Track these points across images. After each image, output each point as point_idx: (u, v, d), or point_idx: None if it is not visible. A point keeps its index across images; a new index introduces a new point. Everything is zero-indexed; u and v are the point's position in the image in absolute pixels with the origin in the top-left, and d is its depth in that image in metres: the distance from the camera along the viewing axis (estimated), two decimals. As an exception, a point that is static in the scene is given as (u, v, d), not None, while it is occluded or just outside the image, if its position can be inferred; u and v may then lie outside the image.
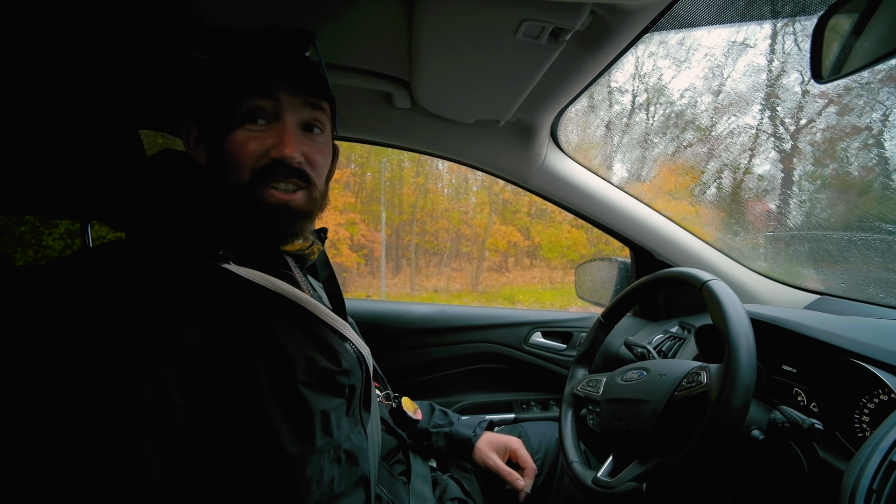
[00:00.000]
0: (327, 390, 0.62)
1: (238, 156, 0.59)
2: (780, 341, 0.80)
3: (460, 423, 1.00)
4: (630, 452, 0.70)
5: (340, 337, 0.67)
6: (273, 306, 0.60)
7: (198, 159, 0.65)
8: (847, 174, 2.83)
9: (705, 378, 0.63)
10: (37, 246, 3.46)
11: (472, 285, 7.55)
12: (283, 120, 0.60)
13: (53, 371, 0.46)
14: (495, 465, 0.93)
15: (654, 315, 1.32)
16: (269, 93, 0.59)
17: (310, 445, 0.58)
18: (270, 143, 0.59)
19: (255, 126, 0.60)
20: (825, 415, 0.69)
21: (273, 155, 0.59)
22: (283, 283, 0.61)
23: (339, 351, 0.65)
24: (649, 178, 5.12)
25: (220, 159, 0.61)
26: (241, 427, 0.53)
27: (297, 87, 0.62)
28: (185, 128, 0.65)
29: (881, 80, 2.31)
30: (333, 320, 0.66)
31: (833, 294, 1.07)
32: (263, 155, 0.59)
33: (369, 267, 7.13)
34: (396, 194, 7.29)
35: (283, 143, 0.59)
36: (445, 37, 0.69)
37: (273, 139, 0.60)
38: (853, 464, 0.48)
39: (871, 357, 0.65)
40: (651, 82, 5.88)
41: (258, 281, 0.59)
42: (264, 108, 0.60)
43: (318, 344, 0.63)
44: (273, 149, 0.59)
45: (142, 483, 0.46)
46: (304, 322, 0.63)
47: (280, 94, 0.60)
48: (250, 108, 0.59)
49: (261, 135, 0.60)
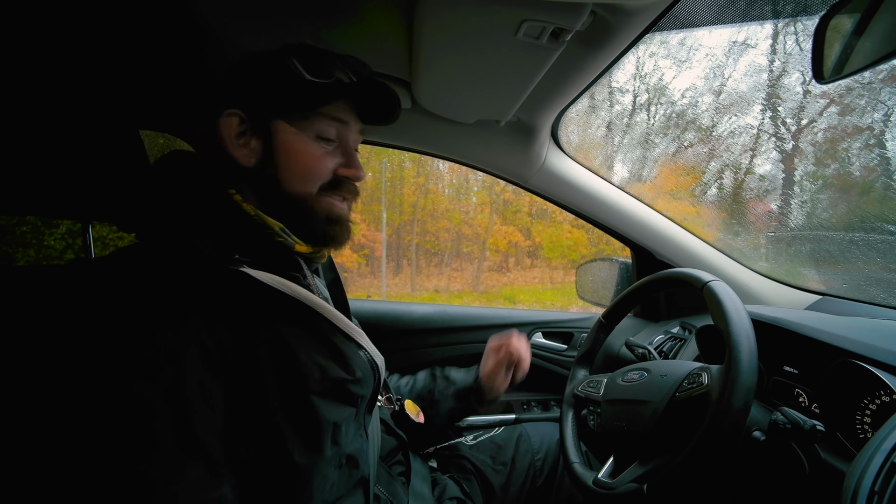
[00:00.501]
0: (339, 400, 0.61)
1: (312, 170, 0.63)
2: (782, 342, 0.80)
3: (460, 378, 0.99)
4: (631, 453, 0.70)
5: (355, 345, 0.66)
6: (287, 311, 0.59)
7: (238, 155, 0.61)
8: (848, 174, 2.82)
9: (706, 379, 0.63)
10: (38, 246, 3.47)
11: (473, 285, 7.55)
12: (349, 140, 0.67)
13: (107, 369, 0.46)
14: (493, 369, 0.95)
15: (655, 315, 1.31)
16: (351, 119, 0.67)
17: (318, 455, 0.57)
18: (339, 161, 0.65)
19: (328, 144, 0.65)
20: (826, 416, 0.68)
21: (342, 173, 0.65)
22: (300, 289, 0.60)
23: (352, 359, 0.64)
24: (650, 178, 5.12)
25: (278, 165, 0.62)
26: (250, 434, 0.53)
27: (373, 122, 0.71)
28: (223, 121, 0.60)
29: (883, 80, 2.31)
30: (348, 327, 0.65)
31: (835, 295, 1.06)
32: (332, 171, 0.65)
33: (370, 267, 7.13)
34: (397, 194, 7.29)
35: (353, 164, 0.66)
36: (446, 37, 0.69)
37: (342, 158, 0.66)
38: (855, 465, 0.47)
39: (872, 358, 0.64)
40: (652, 82, 5.88)
41: (276, 286, 0.58)
42: (338, 129, 0.66)
43: (332, 352, 0.62)
44: (342, 167, 0.65)
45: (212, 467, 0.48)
46: (319, 328, 0.62)
47: (351, 117, 0.67)
48: (328, 128, 0.64)
49: (332, 151, 0.65)
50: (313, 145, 0.63)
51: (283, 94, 0.61)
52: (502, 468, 0.97)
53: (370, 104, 0.69)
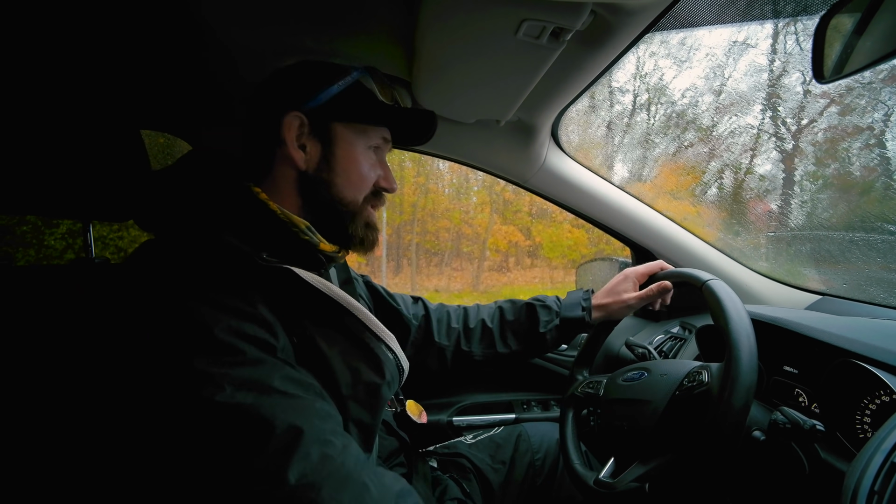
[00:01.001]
0: (367, 403, 0.61)
1: (363, 180, 0.68)
2: (782, 342, 0.80)
3: (564, 308, 0.96)
4: (632, 453, 0.70)
5: (385, 346, 0.66)
6: (318, 309, 0.59)
7: (295, 157, 0.63)
8: (849, 174, 2.82)
9: (707, 377, 0.63)
10: (38, 246, 3.48)
11: (473, 285, 7.55)
12: (384, 155, 0.73)
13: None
14: (637, 300, 0.92)
15: (655, 315, 1.31)
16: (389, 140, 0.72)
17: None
18: (380, 173, 0.70)
19: (375, 157, 0.70)
20: (826, 416, 0.68)
21: (381, 184, 0.70)
22: (335, 288, 0.61)
23: (382, 361, 0.64)
24: (650, 178, 5.12)
25: (333, 170, 0.65)
26: None
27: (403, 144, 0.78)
28: (285, 121, 0.62)
29: (883, 80, 2.30)
30: (380, 329, 0.65)
31: (835, 294, 1.06)
32: (374, 181, 0.69)
33: (370, 266, 7.14)
34: (397, 194, 7.26)
35: (390, 178, 0.72)
36: (446, 37, 0.69)
37: (381, 170, 0.70)
38: (855, 465, 0.47)
39: (872, 358, 0.64)
40: (652, 82, 5.88)
41: (314, 283, 0.58)
42: (381, 145, 0.71)
43: (365, 354, 0.62)
44: (382, 179, 0.70)
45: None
46: (350, 329, 0.62)
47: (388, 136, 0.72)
48: (382, 144, 0.71)
49: (375, 165, 0.70)
50: (366, 156, 0.68)
51: (354, 106, 0.66)
52: (501, 467, 0.97)
53: (413, 131, 0.75)
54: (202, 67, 0.90)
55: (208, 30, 0.78)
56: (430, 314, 0.97)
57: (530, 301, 0.98)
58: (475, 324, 0.97)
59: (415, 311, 0.98)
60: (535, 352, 0.97)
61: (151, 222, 0.64)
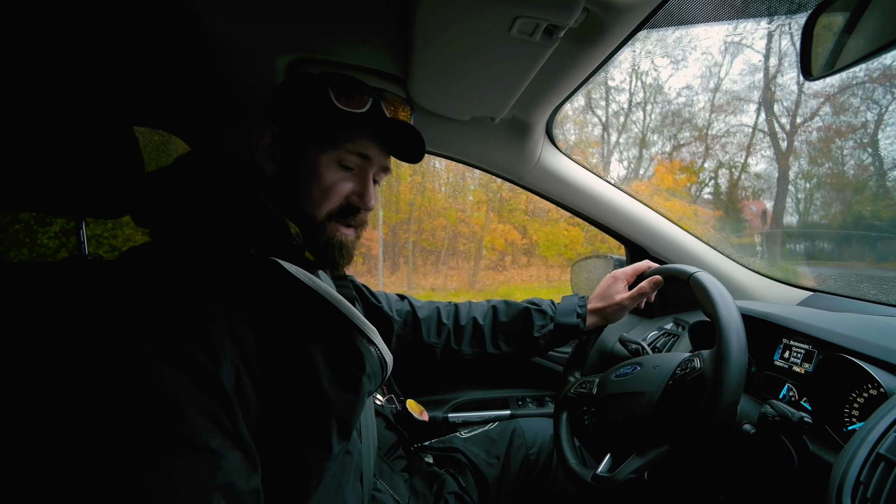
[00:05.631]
0: (348, 395, 0.61)
1: (326, 195, 0.65)
2: (773, 337, 0.81)
3: (559, 314, 0.97)
4: (628, 447, 0.70)
5: (367, 341, 0.67)
6: (303, 304, 0.59)
7: (264, 167, 0.66)
8: (840, 173, 2.85)
9: (699, 363, 0.65)
10: (31, 244, 3.45)
11: (470, 284, 7.56)
12: (368, 173, 0.68)
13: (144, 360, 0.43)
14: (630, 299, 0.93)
15: (649, 312, 1.32)
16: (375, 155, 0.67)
17: (327, 453, 0.58)
18: (352, 188, 0.66)
19: (346, 171, 0.66)
20: (816, 409, 0.69)
21: (353, 201, 0.66)
22: (321, 283, 0.61)
23: (365, 356, 0.64)
24: (644, 175, 5.14)
25: (298, 182, 0.64)
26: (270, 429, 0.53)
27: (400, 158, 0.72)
28: (258, 132, 0.66)
29: (876, 80, 2.33)
30: (363, 324, 0.66)
31: (825, 291, 1.07)
32: (343, 196, 0.66)
33: (366, 265, 7.12)
34: (393, 192, 7.28)
35: (367, 195, 0.67)
36: (440, 34, 0.69)
37: (356, 186, 0.66)
38: (841, 456, 0.48)
39: (860, 352, 0.66)
40: (646, 80, 5.90)
41: (301, 278, 0.59)
42: (360, 159, 0.67)
43: (347, 347, 0.62)
44: (355, 196, 0.66)
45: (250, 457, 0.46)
46: (334, 323, 0.62)
47: (377, 153, 0.68)
48: (350, 158, 0.66)
49: (347, 178, 0.66)
50: (332, 170, 0.65)
51: (314, 116, 0.64)
52: (496, 462, 0.97)
53: (393, 142, 0.70)
54: (196, 64, 0.89)
55: (202, 27, 0.78)
56: (416, 311, 0.98)
57: (525, 304, 0.99)
58: (466, 322, 0.97)
59: (399, 307, 0.98)
60: (526, 355, 0.98)
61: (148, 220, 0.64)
